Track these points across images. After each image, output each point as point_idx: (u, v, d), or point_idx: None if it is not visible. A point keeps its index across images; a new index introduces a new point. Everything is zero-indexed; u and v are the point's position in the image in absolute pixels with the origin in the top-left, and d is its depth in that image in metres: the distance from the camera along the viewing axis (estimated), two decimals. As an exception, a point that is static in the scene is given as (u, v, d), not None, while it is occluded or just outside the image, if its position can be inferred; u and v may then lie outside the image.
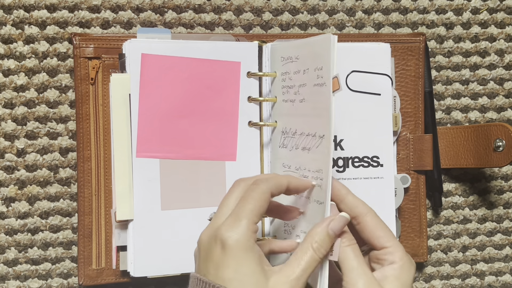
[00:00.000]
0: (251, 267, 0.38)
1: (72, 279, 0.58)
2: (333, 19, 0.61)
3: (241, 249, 0.38)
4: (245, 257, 0.38)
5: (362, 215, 0.43)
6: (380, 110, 0.55)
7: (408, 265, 0.42)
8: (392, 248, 0.42)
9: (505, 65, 0.64)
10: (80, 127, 0.54)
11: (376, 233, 0.43)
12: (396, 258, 0.42)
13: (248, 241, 0.38)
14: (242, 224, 0.38)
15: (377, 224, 0.43)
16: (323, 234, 0.40)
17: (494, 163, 0.57)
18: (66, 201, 0.57)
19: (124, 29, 0.58)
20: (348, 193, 0.44)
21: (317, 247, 0.40)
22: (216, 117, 0.54)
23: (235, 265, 0.38)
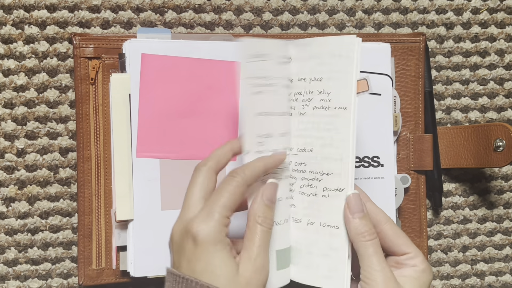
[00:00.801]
0: (222, 259, 0.39)
1: (72, 279, 0.58)
2: (333, 19, 0.61)
3: (212, 242, 0.39)
4: (216, 250, 0.39)
5: (382, 223, 0.44)
6: (380, 110, 0.55)
7: (428, 270, 0.43)
8: (414, 254, 0.44)
9: (505, 65, 0.64)
10: (80, 127, 0.54)
11: (397, 240, 0.44)
12: (418, 262, 0.43)
13: (219, 234, 0.39)
14: (214, 219, 0.39)
15: (398, 232, 0.44)
16: (262, 206, 0.41)
17: (494, 163, 0.57)
18: (66, 201, 0.57)
19: (124, 29, 0.58)
20: (367, 201, 0.44)
21: (262, 220, 0.41)
22: (216, 117, 0.54)
23: (206, 258, 0.39)
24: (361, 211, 0.42)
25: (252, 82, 0.44)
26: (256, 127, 0.44)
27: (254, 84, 0.44)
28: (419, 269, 0.43)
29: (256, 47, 0.44)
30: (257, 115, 0.44)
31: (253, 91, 0.44)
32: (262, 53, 0.44)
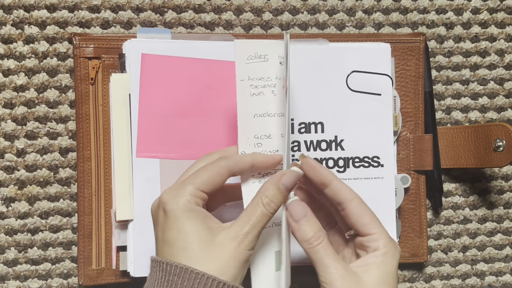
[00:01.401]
0: (193, 226, 0.39)
1: (72, 279, 0.58)
2: (333, 19, 0.61)
3: (181, 210, 0.39)
4: (186, 217, 0.39)
5: (347, 201, 0.42)
6: (380, 110, 0.56)
7: (392, 252, 0.41)
8: (377, 235, 0.42)
9: (505, 65, 0.64)
10: (80, 127, 0.54)
11: (360, 220, 0.42)
12: (380, 245, 0.41)
13: (188, 203, 0.40)
14: (184, 189, 0.40)
15: (362, 211, 0.42)
16: (274, 189, 0.41)
17: (494, 163, 0.57)
18: (66, 201, 0.57)
19: (124, 29, 0.58)
20: (334, 179, 0.43)
21: (267, 202, 0.40)
22: (216, 117, 0.54)
23: (177, 226, 0.39)
24: (304, 216, 0.41)
25: (250, 84, 0.44)
26: (254, 128, 0.44)
27: (252, 85, 0.44)
28: (381, 253, 0.41)
29: (252, 48, 0.44)
30: (255, 117, 0.44)
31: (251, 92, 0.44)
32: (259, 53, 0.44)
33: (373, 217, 0.42)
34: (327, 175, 0.43)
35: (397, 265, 0.42)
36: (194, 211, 0.40)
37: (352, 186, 0.55)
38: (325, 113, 0.55)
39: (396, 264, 0.41)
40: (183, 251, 0.39)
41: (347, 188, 0.43)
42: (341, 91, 0.55)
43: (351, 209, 0.42)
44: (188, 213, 0.39)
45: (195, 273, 0.38)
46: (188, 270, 0.38)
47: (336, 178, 0.43)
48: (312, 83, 0.55)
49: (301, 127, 0.55)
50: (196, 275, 0.38)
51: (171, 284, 0.38)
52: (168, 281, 0.38)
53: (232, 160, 0.42)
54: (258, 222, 0.40)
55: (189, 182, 0.41)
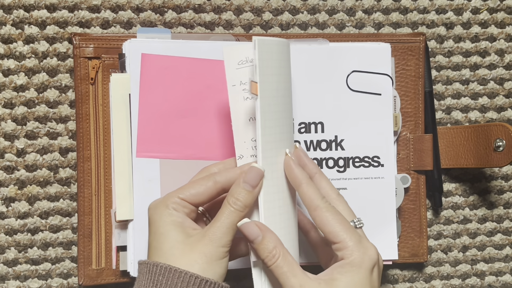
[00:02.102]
0: (166, 227, 0.42)
1: (72, 279, 0.58)
2: (333, 19, 0.61)
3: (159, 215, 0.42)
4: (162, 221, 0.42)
5: (311, 209, 0.42)
6: (380, 110, 0.56)
7: (358, 261, 0.40)
8: (341, 244, 0.41)
9: (505, 65, 0.64)
10: (80, 127, 0.54)
11: (325, 228, 0.42)
12: (345, 254, 0.41)
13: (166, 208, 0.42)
14: (167, 199, 0.43)
15: (326, 218, 0.42)
16: (238, 188, 0.42)
17: (494, 163, 0.57)
18: (66, 201, 0.57)
19: (124, 29, 0.58)
20: (303, 183, 0.43)
21: (233, 201, 0.42)
22: (216, 117, 0.54)
23: (154, 229, 0.42)
24: (257, 236, 0.41)
25: (242, 88, 0.44)
26: (250, 131, 0.44)
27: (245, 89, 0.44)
28: (346, 263, 0.40)
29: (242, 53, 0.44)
30: (250, 120, 0.44)
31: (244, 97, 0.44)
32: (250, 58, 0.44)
33: (337, 224, 0.41)
34: (297, 177, 0.43)
35: (367, 274, 0.40)
36: (171, 215, 0.42)
37: (352, 186, 0.55)
38: (325, 113, 0.55)
39: (365, 273, 0.40)
40: (156, 250, 0.41)
41: (314, 194, 0.43)
42: (341, 91, 0.55)
43: (315, 217, 0.42)
44: (164, 218, 0.42)
45: (178, 272, 0.39)
46: (172, 269, 0.40)
47: (307, 182, 0.43)
48: (312, 83, 0.55)
49: (301, 127, 0.55)
50: (179, 274, 0.39)
51: (155, 284, 0.40)
52: (153, 281, 0.40)
53: (221, 175, 0.44)
54: (225, 220, 0.41)
55: (174, 193, 0.43)
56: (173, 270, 0.39)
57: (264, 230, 0.41)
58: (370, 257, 0.41)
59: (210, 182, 0.43)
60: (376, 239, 0.55)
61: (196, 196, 0.43)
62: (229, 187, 0.43)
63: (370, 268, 0.41)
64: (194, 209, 0.44)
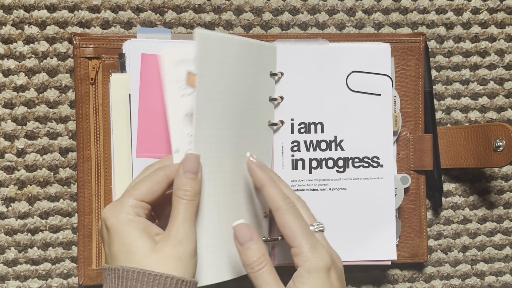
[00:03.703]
0: (133, 236, 0.40)
1: (72, 279, 0.58)
2: (333, 19, 0.61)
3: (121, 223, 0.40)
4: (126, 229, 0.40)
5: (274, 210, 0.43)
6: (380, 110, 0.55)
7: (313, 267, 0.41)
8: (296, 249, 0.41)
9: (505, 65, 0.64)
10: (80, 127, 0.54)
11: (284, 231, 0.42)
12: (300, 260, 0.41)
13: (127, 214, 0.40)
14: (123, 202, 0.41)
15: (286, 221, 0.42)
16: (182, 179, 0.42)
17: (494, 163, 0.57)
18: (66, 201, 0.57)
19: (124, 29, 0.58)
20: (266, 185, 0.43)
21: (183, 194, 0.41)
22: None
23: (119, 239, 0.40)
24: (249, 240, 0.41)
25: (178, 86, 0.46)
26: (186, 126, 0.46)
27: (180, 87, 0.46)
28: (303, 270, 0.41)
29: (178, 55, 0.46)
30: (187, 115, 0.46)
31: (180, 94, 0.46)
32: (185, 59, 0.46)
33: (297, 227, 0.42)
34: (260, 179, 0.43)
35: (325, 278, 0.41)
36: (134, 222, 0.40)
37: (352, 186, 0.55)
38: (325, 113, 0.55)
39: (323, 277, 0.41)
40: (126, 262, 0.39)
41: (277, 195, 0.43)
42: (341, 91, 0.55)
43: (276, 218, 0.42)
44: (128, 225, 0.40)
45: (153, 275, 0.38)
46: (146, 273, 0.38)
47: (270, 183, 0.43)
48: (312, 83, 0.55)
49: (300, 127, 0.55)
50: (154, 277, 0.38)
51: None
52: (125, 286, 0.38)
53: (169, 168, 0.43)
54: (183, 215, 0.41)
55: (128, 195, 0.42)
56: (147, 273, 0.38)
57: (255, 236, 0.41)
58: (324, 262, 0.41)
59: (161, 177, 0.43)
60: (376, 239, 0.55)
61: (150, 194, 0.42)
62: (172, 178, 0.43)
63: (326, 272, 0.41)
64: (149, 207, 0.43)
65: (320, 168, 0.55)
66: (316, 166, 0.55)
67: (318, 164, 0.55)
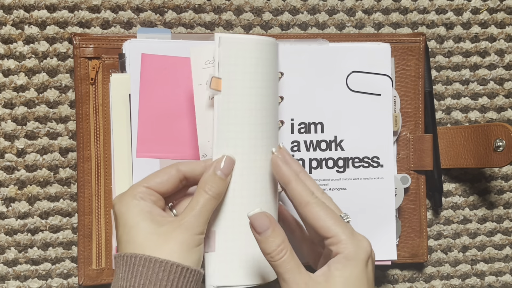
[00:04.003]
0: (135, 219, 0.41)
1: (72, 279, 0.58)
2: (333, 19, 0.61)
3: (125, 207, 0.42)
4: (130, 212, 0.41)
5: (302, 205, 0.42)
6: (380, 111, 0.55)
7: (353, 254, 0.40)
8: (334, 238, 0.40)
9: (505, 65, 0.64)
10: (80, 127, 0.54)
11: (317, 223, 0.41)
12: (340, 248, 0.40)
13: (132, 199, 0.42)
14: (131, 190, 0.43)
15: (317, 213, 0.41)
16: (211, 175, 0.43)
17: (494, 163, 0.57)
18: (66, 201, 0.57)
19: (124, 29, 0.58)
20: (292, 180, 0.43)
21: (208, 188, 0.42)
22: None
23: (122, 222, 0.42)
24: (267, 229, 0.40)
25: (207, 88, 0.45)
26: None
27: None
28: (342, 257, 0.40)
29: (209, 53, 0.45)
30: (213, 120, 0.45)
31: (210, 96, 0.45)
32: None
33: (330, 218, 0.41)
34: (286, 175, 0.43)
35: (363, 267, 0.40)
36: (138, 206, 0.42)
37: (352, 186, 0.55)
38: (325, 113, 0.55)
39: (361, 266, 0.40)
40: (128, 244, 0.41)
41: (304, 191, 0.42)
42: (341, 91, 0.55)
43: (306, 212, 0.42)
44: (131, 208, 0.42)
45: (159, 262, 0.39)
46: (152, 259, 0.39)
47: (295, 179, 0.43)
48: (312, 83, 0.55)
49: (300, 127, 0.55)
50: (160, 263, 0.39)
51: (135, 275, 0.39)
52: (132, 272, 0.40)
53: (184, 164, 0.44)
54: (201, 207, 0.42)
55: (139, 183, 0.43)
56: (153, 260, 0.39)
57: (273, 223, 0.40)
58: (364, 250, 0.41)
59: (174, 170, 0.44)
60: (375, 239, 0.55)
61: (160, 184, 0.43)
62: (192, 177, 0.44)
63: (365, 260, 0.41)
64: (160, 198, 0.44)
65: (320, 168, 0.55)
66: (316, 166, 0.55)
67: (318, 164, 0.55)
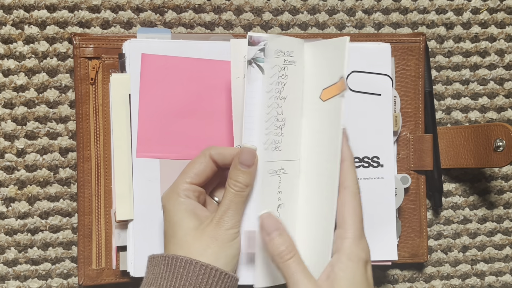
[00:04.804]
0: (179, 215, 0.43)
1: (72, 279, 0.58)
2: (333, 19, 0.61)
3: (172, 204, 0.44)
4: (175, 210, 0.44)
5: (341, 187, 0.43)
6: (380, 110, 0.55)
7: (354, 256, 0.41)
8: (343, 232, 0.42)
9: (505, 65, 0.64)
10: (80, 127, 0.54)
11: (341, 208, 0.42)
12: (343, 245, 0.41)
13: (178, 196, 0.44)
14: (176, 187, 0.44)
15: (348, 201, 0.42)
16: (235, 170, 0.44)
17: (494, 163, 0.57)
18: (66, 201, 0.57)
19: (124, 29, 0.58)
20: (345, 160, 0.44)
21: (233, 184, 0.44)
22: (216, 117, 0.54)
23: (168, 218, 0.44)
24: (276, 229, 0.42)
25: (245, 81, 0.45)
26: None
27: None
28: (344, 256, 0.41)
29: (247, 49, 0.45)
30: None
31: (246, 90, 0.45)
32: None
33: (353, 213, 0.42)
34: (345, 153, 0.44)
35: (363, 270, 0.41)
36: (183, 203, 0.44)
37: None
38: (325, 113, 0.55)
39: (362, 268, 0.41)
40: (171, 238, 0.43)
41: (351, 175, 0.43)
42: None
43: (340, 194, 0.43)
44: (177, 206, 0.44)
45: (199, 265, 0.41)
46: (193, 262, 0.41)
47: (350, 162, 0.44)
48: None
49: (301, 127, 0.55)
50: (200, 267, 0.41)
51: (176, 276, 0.41)
52: (173, 273, 0.41)
53: (215, 149, 0.45)
54: (229, 203, 0.43)
55: (180, 180, 0.45)
56: (194, 262, 0.41)
57: (281, 225, 0.42)
58: (365, 254, 0.42)
59: (206, 158, 0.45)
60: (376, 239, 0.55)
61: (199, 175, 0.45)
62: (223, 162, 0.45)
63: (365, 264, 0.42)
64: (202, 191, 0.46)
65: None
66: (316, 166, 0.55)
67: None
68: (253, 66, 0.45)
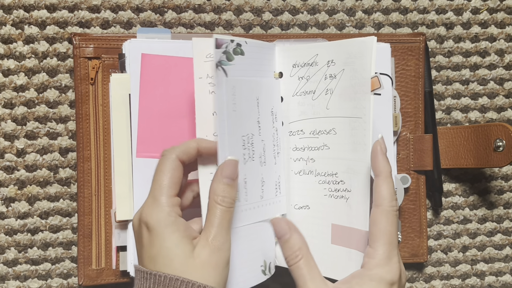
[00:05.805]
0: (174, 241, 0.39)
1: (72, 279, 0.58)
2: (333, 19, 0.61)
3: (163, 226, 0.39)
4: (167, 233, 0.39)
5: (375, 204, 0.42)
6: (380, 110, 0.55)
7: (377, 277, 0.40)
8: (371, 251, 0.41)
9: (505, 65, 0.64)
10: (80, 127, 0.54)
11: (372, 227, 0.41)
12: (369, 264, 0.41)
13: (168, 216, 0.40)
14: (160, 202, 0.40)
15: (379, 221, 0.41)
16: (220, 185, 0.41)
17: (494, 163, 0.57)
18: (66, 201, 0.57)
19: (124, 29, 0.58)
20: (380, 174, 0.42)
21: (221, 199, 0.40)
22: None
23: (159, 243, 0.39)
24: (284, 235, 0.42)
25: (208, 82, 0.44)
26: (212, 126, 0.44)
27: (210, 83, 0.44)
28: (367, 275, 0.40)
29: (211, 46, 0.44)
30: (214, 114, 0.44)
31: (209, 90, 0.44)
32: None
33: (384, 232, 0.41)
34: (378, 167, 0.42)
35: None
36: (175, 224, 0.40)
37: (352, 186, 0.55)
38: (325, 113, 0.55)
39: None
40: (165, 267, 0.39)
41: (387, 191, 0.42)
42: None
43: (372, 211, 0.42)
44: (169, 228, 0.40)
45: (185, 283, 0.38)
46: (178, 280, 0.38)
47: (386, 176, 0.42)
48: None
49: (301, 127, 0.55)
50: (187, 285, 0.38)
51: None
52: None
53: (178, 149, 0.42)
54: (222, 221, 0.40)
55: (159, 193, 0.41)
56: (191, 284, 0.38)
57: (292, 230, 0.42)
58: (391, 276, 0.40)
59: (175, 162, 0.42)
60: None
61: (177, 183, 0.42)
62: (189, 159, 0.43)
63: (388, 285, 0.40)
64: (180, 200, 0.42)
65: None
66: (316, 166, 0.55)
67: (318, 164, 0.55)
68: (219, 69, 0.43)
